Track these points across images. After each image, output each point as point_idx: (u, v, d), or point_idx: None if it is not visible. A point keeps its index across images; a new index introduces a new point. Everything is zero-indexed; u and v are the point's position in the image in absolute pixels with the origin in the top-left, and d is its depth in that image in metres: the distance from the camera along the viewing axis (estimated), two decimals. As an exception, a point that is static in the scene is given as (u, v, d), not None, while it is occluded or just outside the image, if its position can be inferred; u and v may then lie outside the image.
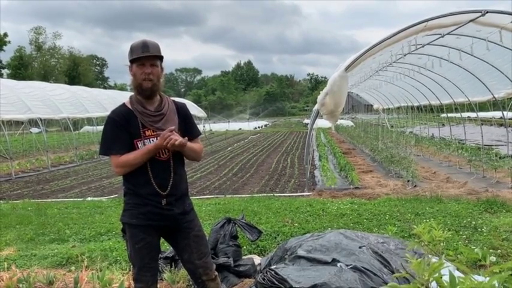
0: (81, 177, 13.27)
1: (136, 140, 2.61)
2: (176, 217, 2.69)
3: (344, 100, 7.91)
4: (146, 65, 2.60)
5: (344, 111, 35.69)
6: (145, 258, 2.67)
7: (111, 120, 2.64)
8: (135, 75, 2.62)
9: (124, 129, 2.60)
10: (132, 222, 2.66)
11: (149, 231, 2.67)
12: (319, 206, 7.00)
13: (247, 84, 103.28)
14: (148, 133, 2.62)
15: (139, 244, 2.65)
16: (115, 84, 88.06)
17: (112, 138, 2.62)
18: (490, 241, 4.93)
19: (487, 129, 20.30)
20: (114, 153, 2.61)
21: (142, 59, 2.58)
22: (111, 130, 2.63)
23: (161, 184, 2.62)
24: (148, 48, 2.59)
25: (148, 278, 2.69)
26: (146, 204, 2.63)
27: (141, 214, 2.64)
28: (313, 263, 3.37)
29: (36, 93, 16.75)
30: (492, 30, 7.40)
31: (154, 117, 2.64)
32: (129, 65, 2.64)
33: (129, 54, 2.62)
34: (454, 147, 13.47)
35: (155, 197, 2.62)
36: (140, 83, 2.61)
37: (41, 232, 6.07)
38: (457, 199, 7.29)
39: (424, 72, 12.19)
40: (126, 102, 2.71)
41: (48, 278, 4.00)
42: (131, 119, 2.62)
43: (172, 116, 2.71)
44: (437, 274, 1.55)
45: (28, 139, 23.98)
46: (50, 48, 74.64)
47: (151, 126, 2.62)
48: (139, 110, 2.63)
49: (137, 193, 2.64)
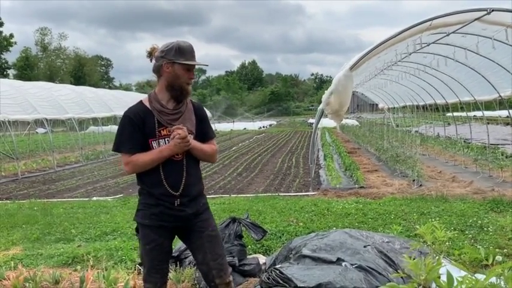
0: (87, 177, 13.32)
1: (151, 139, 2.59)
2: (189, 217, 2.66)
3: (349, 99, 7.90)
4: (191, 70, 2.63)
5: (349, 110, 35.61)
6: (155, 259, 2.66)
7: (127, 119, 2.61)
8: (177, 76, 2.58)
9: (138, 128, 2.58)
10: (144, 223, 2.65)
11: (161, 233, 2.65)
12: (324, 205, 6.99)
13: (252, 84, 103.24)
14: (163, 133, 2.60)
15: (150, 245, 2.64)
16: (120, 85, 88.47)
17: (125, 136, 2.60)
18: (496, 240, 4.91)
19: (493, 128, 20.17)
20: (125, 151, 2.60)
21: (191, 65, 2.62)
22: (126, 128, 2.61)
23: (173, 184, 2.59)
24: (195, 54, 2.63)
25: (157, 280, 2.67)
26: (159, 204, 2.60)
27: (153, 215, 2.62)
28: (318, 262, 3.37)
29: (42, 93, 16.85)
30: (498, 29, 7.36)
31: (172, 115, 2.62)
32: (167, 63, 2.58)
33: (177, 53, 2.57)
34: (459, 147, 13.41)
35: (168, 197, 2.59)
36: (182, 86, 2.60)
37: (47, 232, 6.11)
38: (462, 198, 7.26)
39: (429, 71, 12.13)
40: (143, 100, 2.69)
41: (54, 277, 4.02)
42: (147, 118, 2.60)
43: (190, 115, 2.70)
44: (435, 274, 1.55)
45: (34, 139, 24.11)
46: (55, 49, 75.15)
47: (169, 124, 2.60)
48: (157, 108, 2.61)
49: (150, 193, 2.62)
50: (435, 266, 1.58)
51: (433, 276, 1.56)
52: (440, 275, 1.61)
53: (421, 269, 1.59)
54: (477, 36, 8.14)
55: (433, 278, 1.57)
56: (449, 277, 1.53)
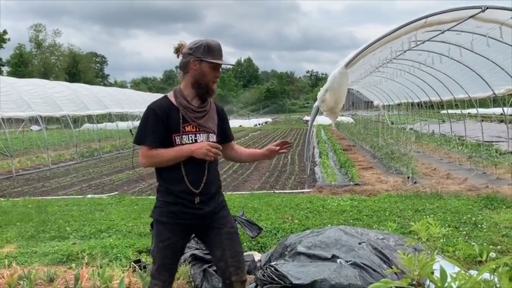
0: (82, 174, 13.28)
1: (174, 135, 2.57)
2: (207, 215, 2.65)
3: (344, 97, 7.91)
4: (218, 69, 2.64)
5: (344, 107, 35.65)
6: (167, 258, 2.65)
7: (152, 112, 2.59)
8: (204, 74, 2.59)
9: (162, 122, 2.56)
10: (161, 220, 2.63)
11: (176, 231, 2.63)
12: (319, 202, 7.01)
13: (248, 81, 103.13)
14: (188, 129, 2.59)
15: (163, 243, 2.63)
16: (115, 82, 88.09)
17: (149, 129, 2.58)
18: (490, 237, 4.94)
19: (487, 126, 20.28)
20: (147, 144, 2.56)
21: (218, 64, 2.63)
22: (150, 121, 2.58)
23: (194, 182, 2.58)
24: (222, 53, 2.65)
25: (166, 278, 2.66)
26: (177, 203, 2.59)
27: (171, 213, 2.60)
28: (313, 259, 3.38)
29: (37, 90, 16.75)
30: (492, 26, 7.39)
31: (197, 112, 2.62)
32: (195, 60, 2.58)
33: (205, 52, 2.57)
34: (454, 144, 13.48)
35: (188, 195, 2.58)
36: (208, 84, 2.61)
37: (41, 229, 6.08)
38: (457, 195, 7.30)
39: (424, 68, 12.17)
40: (169, 95, 2.68)
41: (48, 275, 4.01)
42: (172, 113, 2.58)
43: (213, 115, 2.71)
44: (428, 269, 1.56)
45: (28, 137, 23.99)
46: (49, 46, 74.63)
47: (194, 121, 2.59)
48: (184, 104, 2.60)
49: (169, 190, 2.61)
50: (429, 261, 1.59)
51: (427, 272, 1.57)
52: (434, 271, 1.62)
53: (414, 264, 1.59)
54: (472, 34, 8.17)
55: (427, 274, 1.57)
56: (443, 272, 1.54)
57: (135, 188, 10.18)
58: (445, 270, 1.54)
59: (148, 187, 10.28)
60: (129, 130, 15.88)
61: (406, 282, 1.55)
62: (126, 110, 23.11)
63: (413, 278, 1.55)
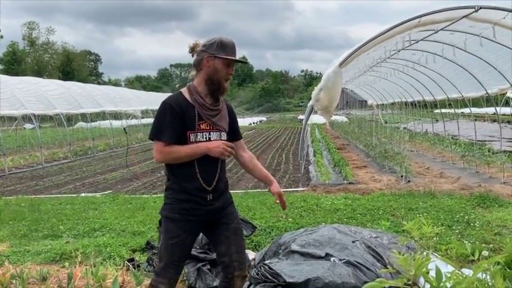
0: (75, 173, 13.22)
1: (189, 132, 2.58)
2: (217, 210, 2.68)
3: (338, 96, 7.93)
4: (231, 66, 2.64)
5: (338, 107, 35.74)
6: (175, 255, 2.65)
7: (169, 107, 2.58)
8: (217, 70, 2.60)
9: (179, 117, 2.56)
10: (173, 217, 2.63)
11: (187, 228, 2.63)
12: (313, 201, 7.02)
13: (242, 80, 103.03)
14: (202, 126, 2.61)
15: (173, 240, 2.62)
16: (109, 80, 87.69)
17: (166, 124, 2.56)
18: (482, 235, 4.97)
19: (480, 125, 20.42)
20: (163, 140, 2.56)
21: (232, 60, 2.63)
22: (167, 116, 2.57)
23: (207, 179, 2.61)
24: (235, 50, 2.64)
25: (171, 275, 2.66)
26: (190, 200, 2.60)
27: (183, 210, 2.61)
28: (307, 257, 3.39)
29: (30, 88, 16.64)
30: (485, 26, 7.44)
31: (212, 110, 2.64)
32: (208, 57, 2.59)
33: (218, 48, 2.59)
34: (447, 143, 13.55)
35: (201, 192, 2.60)
36: (221, 81, 2.62)
37: (34, 228, 6.04)
38: (450, 194, 7.34)
39: (418, 68, 12.23)
40: (183, 91, 2.68)
41: (41, 274, 3.98)
42: (188, 109, 2.59)
43: (225, 114, 2.74)
44: (424, 269, 1.56)
45: (21, 135, 23.84)
46: (43, 44, 74.20)
47: (208, 119, 2.61)
48: (199, 102, 2.61)
49: (182, 187, 2.61)
50: (424, 261, 1.60)
51: (422, 272, 1.58)
52: (429, 271, 1.62)
53: (410, 264, 1.60)
54: (465, 34, 8.22)
55: (422, 274, 1.58)
56: (438, 272, 1.54)
57: (129, 187, 10.14)
58: (440, 270, 1.54)
59: (142, 186, 10.25)
60: (123, 129, 15.81)
61: (401, 282, 1.56)
62: (120, 109, 23.03)
63: (409, 278, 1.56)
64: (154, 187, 10.04)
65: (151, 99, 30.46)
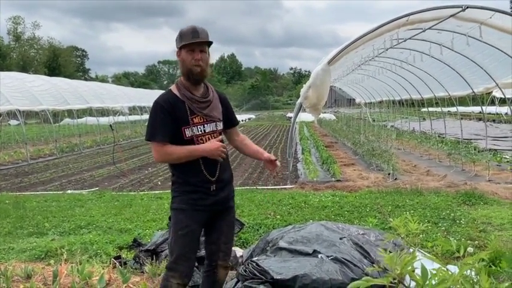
0: (61, 170, 13.07)
1: (184, 127, 2.62)
2: (222, 201, 2.75)
3: (327, 93, 7.94)
4: (196, 50, 2.61)
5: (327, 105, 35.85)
6: (186, 247, 2.67)
7: (159, 106, 2.62)
8: (184, 61, 2.63)
9: (170, 115, 2.60)
10: (182, 208, 2.67)
11: (196, 218, 2.68)
12: (301, 198, 7.03)
13: (231, 78, 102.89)
14: (196, 120, 2.64)
15: (182, 231, 2.65)
16: (96, 76, 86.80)
17: (157, 124, 2.61)
18: (467, 232, 5.03)
19: (466, 124, 20.64)
20: (158, 140, 2.61)
21: (193, 45, 2.59)
22: (158, 116, 2.62)
23: (210, 171, 2.66)
24: (198, 34, 2.60)
25: (184, 269, 2.66)
26: (196, 191, 2.66)
27: (192, 200, 2.66)
28: (295, 254, 3.39)
29: (15, 84, 16.38)
30: (472, 26, 7.51)
31: (201, 103, 2.67)
32: (178, 51, 2.65)
33: (178, 40, 2.63)
34: (434, 141, 13.68)
35: (205, 183, 2.65)
36: (190, 69, 2.62)
37: (19, 225, 5.96)
38: (436, 192, 7.41)
39: (405, 66, 12.31)
40: (172, 88, 2.71)
41: (26, 272, 3.93)
42: (178, 106, 2.62)
43: (217, 103, 2.77)
44: (409, 267, 1.57)
45: (6, 131, 23.47)
46: (29, 39, 73.04)
47: (199, 112, 2.64)
48: (188, 96, 2.64)
49: (187, 181, 2.66)
50: (410, 259, 1.60)
51: (408, 270, 1.58)
52: (415, 269, 1.63)
53: (396, 262, 1.60)
54: (452, 33, 8.29)
55: (408, 272, 1.58)
56: (424, 271, 1.55)
57: (115, 184, 10.06)
58: (426, 268, 1.55)
59: (129, 183, 10.18)
60: (109, 125, 15.66)
61: (387, 280, 1.56)
62: (107, 105, 22.81)
63: (394, 276, 1.56)
64: (142, 184, 9.97)
65: (139, 96, 30.25)
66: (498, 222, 5.38)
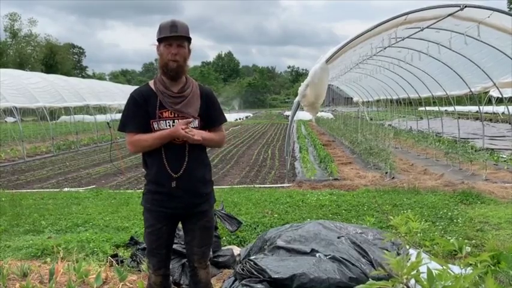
0: (58, 167, 13.02)
1: (152, 120, 2.62)
2: (188, 206, 2.68)
3: (324, 92, 7.94)
4: (173, 45, 2.58)
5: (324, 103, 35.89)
6: (153, 243, 2.74)
7: (131, 99, 2.67)
8: (161, 55, 2.61)
9: (141, 108, 2.62)
10: (147, 207, 2.73)
11: (160, 218, 2.69)
12: (298, 197, 7.03)
13: (228, 76, 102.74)
14: (165, 114, 2.62)
15: (149, 229, 2.74)
16: (93, 74, 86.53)
17: (129, 116, 2.66)
18: (465, 232, 5.04)
19: (463, 123, 20.67)
20: (128, 131, 2.64)
21: (170, 39, 2.57)
22: (130, 108, 2.66)
23: (174, 168, 2.62)
24: (177, 28, 2.57)
25: (154, 263, 2.76)
26: (158, 192, 2.66)
27: (155, 200, 2.68)
28: (292, 253, 3.38)
29: (11, 81, 16.29)
30: (470, 25, 7.52)
31: (175, 98, 2.63)
32: (157, 45, 2.64)
33: (157, 33, 2.62)
34: (431, 140, 13.69)
35: (167, 179, 2.62)
36: (166, 63, 2.60)
37: (15, 223, 5.93)
38: (433, 191, 7.42)
39: (403, 65, 12.32)
40: (150, 82, 2.74)
41: (22, 270, 3.91)
42: (151, 99, 2.63)
43: (194, 100, 2.68)
44: (415, 272, 1.55)
45: (3, 129, 23.38)
46: (25, 36, 72.59)
47: (171, 107, 2.62)
48: (161, 90, 2.64)
49: (152, 176, 2.68)
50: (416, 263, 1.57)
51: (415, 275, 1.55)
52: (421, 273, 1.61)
53: (403, 267, 1.57)
54: (450, 32, 8.29)
55: (415, 276, 1.56)
56: (430, 274, 1.52)
57: (112, 182, 10.03)
58: (432, 272, 1.52)
59: (126, 181, 10.15)
60: (106, 123, 15.61)
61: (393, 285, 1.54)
62: (104, 103, 22.73)
63: (401, 281, 1.54)
64: (139, 182, 9.94)
65: (137, 94, 30.10)
66: (495, 222, 5.40)
